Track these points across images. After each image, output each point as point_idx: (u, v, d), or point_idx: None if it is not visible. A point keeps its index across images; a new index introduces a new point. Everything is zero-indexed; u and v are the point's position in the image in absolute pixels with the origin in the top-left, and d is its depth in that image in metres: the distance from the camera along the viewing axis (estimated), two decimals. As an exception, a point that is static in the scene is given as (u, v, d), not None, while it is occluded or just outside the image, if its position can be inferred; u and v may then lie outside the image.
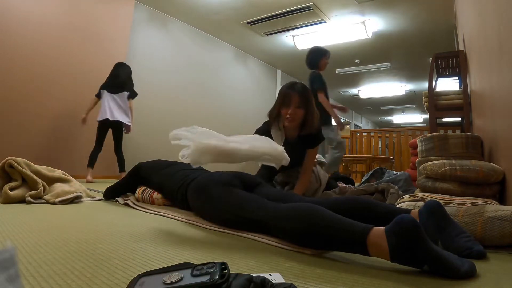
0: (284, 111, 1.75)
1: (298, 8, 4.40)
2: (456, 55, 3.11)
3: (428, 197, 1.29)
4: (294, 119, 1.74)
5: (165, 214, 1.44)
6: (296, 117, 1.74)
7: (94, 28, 3.90)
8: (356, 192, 1.89)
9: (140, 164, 1.80)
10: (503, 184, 1.45)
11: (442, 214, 0.89)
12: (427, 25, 4.77)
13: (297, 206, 0.93)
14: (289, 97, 1.73)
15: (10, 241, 0.92)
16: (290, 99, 1.73)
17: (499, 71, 1.45)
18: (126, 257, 0.79)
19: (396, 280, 0.68)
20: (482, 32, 1.89)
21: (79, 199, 1.81)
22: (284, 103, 1.75)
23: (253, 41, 5.78)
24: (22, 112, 3.27)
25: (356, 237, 0.76)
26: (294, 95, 1.73)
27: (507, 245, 0.95)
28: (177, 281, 0.50)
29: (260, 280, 0.52)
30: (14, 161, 1.70)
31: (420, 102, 3.41)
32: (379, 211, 1.01)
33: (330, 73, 7.19)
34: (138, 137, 4.41)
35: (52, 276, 0.64)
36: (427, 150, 1.81)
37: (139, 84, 4.46)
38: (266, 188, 1.40)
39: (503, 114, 1.44)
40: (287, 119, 1.74)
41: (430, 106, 2.80)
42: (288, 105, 1.73)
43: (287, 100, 1.74)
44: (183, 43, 5.16)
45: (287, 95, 1.74)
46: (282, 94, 1.77)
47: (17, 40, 3.23)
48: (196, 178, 1.39)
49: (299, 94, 1.73)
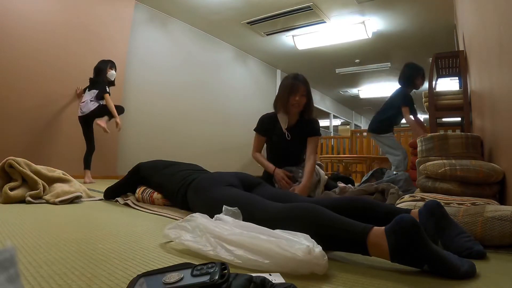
0: (292, 98, 1.99)
1: (298, 8, 4.40)
2: (456, 55, 3.11)
3: (428, 197, 1.29)
4: (300, 105, 2.02)
5: (165, 214, 1.44)
6: (301, 103, 2.01)
7: (94, 28, 3.90)
8: (356, 192, 1.89)
9: (140, 164, 1.80)
10: (503, 184, 1.44)
11: (442, 214, 0.89)
12: (427, 25, 4.77)
13: (297, 206, 0.93)
14: (296, 87, 1.99)
15: (10, 241, 0.92)
16: (297, 88, 1.99)
17: (499, 71, 1.45)
18: (126, 257, 0.79)
19: (396, 280, 0.68)
20: (482, 32, 1.89)
21: (79, 199, 1.81)
22: (292, 92, 2.00)
23: (253, 41, 5.78)
24: (21, 112, 3.26)
25: (356, 237, 0.75)
26: (300, 85, 2.00)
27: (507, 245, 0.95)
28: (177, 281, 0.50)
29: (260, 280, 0.52)
30: (14, 161, 1.70)
31: (420, 102, 3.40)
32: (379, 211, 1.01)
33: (330, 73, 7.20)
34: (138, 137, 4.42)
35: (52, 276, 0.64)
36: (427, 150, 1.81)
37: (139, 84, 4.47)
38: (266, 188, 1.40)
39: (503, 114, 1.44)
40: (294, 106, 2.01)
41: (430, 106, 2.80)
42: (296, 93, 1.99)
43: (295, 89, 1.99)
44: (183, 43, 5.16)
45: (294, 85, 2.00)
46: (290, 84, 2.01)
47: (17, 39, 3.22)
48: (196, 179, 1.39)
49: (304, 84, 2.01)
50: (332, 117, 9.93)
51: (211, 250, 0.78)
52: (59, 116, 3.59)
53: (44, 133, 3.45)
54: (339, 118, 10.79)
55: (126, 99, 4.23)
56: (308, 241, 0.72)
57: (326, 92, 9.19)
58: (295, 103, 1.99)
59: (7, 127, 3.15)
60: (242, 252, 0.73)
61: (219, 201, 1.16)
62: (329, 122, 9.94)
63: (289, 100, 2.00)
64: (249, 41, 5.79)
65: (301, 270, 0.68)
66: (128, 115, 4.33)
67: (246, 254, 0.72)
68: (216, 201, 1.17)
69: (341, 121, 11.72)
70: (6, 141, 3.12)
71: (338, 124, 12.14)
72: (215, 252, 0.77)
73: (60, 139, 3.57)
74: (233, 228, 0.81)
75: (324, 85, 8.37)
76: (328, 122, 9.95)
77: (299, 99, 1.99)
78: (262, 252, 0.71)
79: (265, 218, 0.98)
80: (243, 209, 1.07)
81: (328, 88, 8.74)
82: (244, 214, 1.07)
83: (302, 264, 0.67)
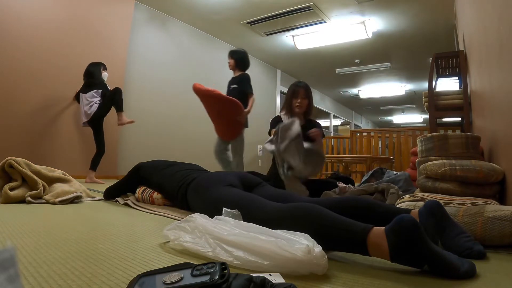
0: (294, 101, 2.31)
1: (298, 8, 4.40)
2: (456, 55, 3.11)
3: (428, 197, 1.28)
4: (302, 106, 2.30)
5: (165, 214, 1.44)
6: (302, 105, 2.30)
7: (94, 27, 3.90)
8: (356, 192, 1.89)
9: (140, 164, 1.80)
10: (503, 184, 1.45)
11: (442, 214, 0.89)
12: (427, 25, 4.77)
13: (297, 206, 0.93)
14: (297, 91, 2.31)
15: (10, 241, 0.92)
16: (298, 92, 2.31)
17: (499, 71, 1.45)
18: (126, 257, 0.79)
19: (396, 280, 0.68)
20: (482, 32, 1.89)
21: (79, 199, 1.81)
22: (294, 95, 2.31)
23: (253, 41, 5.78)
24: (22, 111, 3.26)
25: (356, 237, 0.75)
26: (301, 89, 2.31)
27: (507, 245, 0.95)
28: (177, 281, 0.50)
29: (260, 280, 0.52)
30: (14, 161, 1.70)
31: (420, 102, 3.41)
32: (379, 211, 1.01)
33: (330, 73, 7.20)
34: (138, 137, 4.41)
35: (52, 276, 0.64)
36: (427, 150, 1.81)
37: (139, 84, 4.47)
38: (266, 188, 1.40)
39: (503, 114, 1.44)
40: (297, 107, 2.30)
41: (430, 106, 2.80)
42: (297, 96, 2.30)
43: (296, 93, 2.31)
44: (183, 43, 5.15)
45: (296, 89, 2.32)
46: (292, 89, 2.34)
47: (16, 39, 3.22)
48: (196, 178, 1.39)
49: (304, 88, 2.32)
50: (332, 117, 9.92)
51: (211, 251, 0.78)
52: (59, 116, 3.59)
53: (44, 132, 3.45)
54: (339, 118, 10.78)
55: (126, 99, 4.21)
56: (308, 240, 0.72)
57: (326, 92, 9.19)
58: (298, 104, 2.29)
59: (7, 127, 3.15)
60: (241, 253, 0.73)
61: (219, 201, 1.16)
62: (329, 122, 9.93)
63: (292, 102, 2.31)
64: (249, 41, 5.79)
65: (301, 270, 0.68)
66: (128, 115, 4.32)
67: (246, 255, 0.72)
68: (216, 201, 1.17)
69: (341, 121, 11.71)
70: (6, 141, 3.12)
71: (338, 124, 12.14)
72: (214, 253, 0.77)
73: (60, 139, 3.57)
74: (232, 228, 0.81)
75: (324, 85, 8.37)
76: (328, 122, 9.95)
77: (301, 101, 2.30)
78: (261, 252, 0.70)
79: (265, 218, 0.98)
80: (243, 209, 1.07)
81: (328, 88, 8.74)
82: (244, 214, 1.07)
83: (301, 264, 0.67)
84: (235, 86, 3.25)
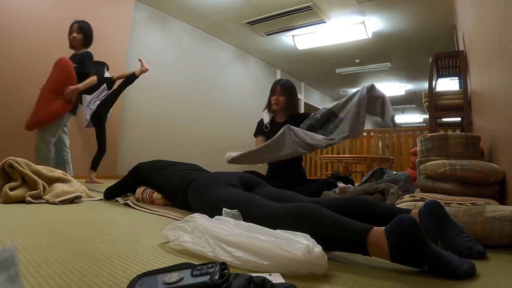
0: (272, 98, 2.32)
1: (298, 8, 4.40)
2: (456, 55, 3.11)
3: (428, 197, 1.28)
4: (278, 103, 2.30)
5: (165, 214, 1.44)
6: (278, 101, 2.29)
7: (94, 27, 3.87)
8: (356, 192, 1.89)
9: (140, 164, 1.80)
10: (503, 184, 1.44)
11: (442, 214, 0.89)
12: (427, 25, 4.77)
13: (297, 206, 0.93)
14: (274, 88, 2.33)
15: (10, 241, 0.92)
16: (275, 89, 2.32)
17: (499, 71, 1.45)
18: (126, 257, 0.79)
19: (396, 280, 0.68)
20: (482, 32, 1.89)
21: (79, 199, 1.81)
22: (271, 93, 2.34)
23: (253, 41, 5.78)
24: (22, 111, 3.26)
25: (356, 237, 0.75)
26: (277, 86, 2.31)
27: (507, 245, 0.95)
28: (177, 281, 0.50)
29: (260, 280, 0.52)
30: (14, 161, 1.70)
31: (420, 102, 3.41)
32: (379, 211, 1.01)
33: (330, 73, 7.20)
34: (137, 137, 4.41)
35: (52, 276, 0.64)
36: (427, 150, 1.81)
37: (139, 84, 4.47)
38: (266, 188, 1.40)
39: (503, 114, 1.44)
40: (274, 104, 2.31)
41: (430, 106, 2.80)
42: (274, 93, 2.31)
43: (273, 90, 2.33)
44: (183, 43, 5.15)
45: (273, 86, 2.35)
46: (271, 87, 2.36)
47: (16, 39, 3.22)
48: (196, 178, 1.39)
49: (280, 85, 2.31)
50: (332, 117, 9.92)
51: (210, 252, 0.78)
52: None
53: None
54: (339, 118, 10.78)
55: (126, 99, 4.23)
56: (308, 240, 0.72)
57: (326, 92, 9.18)
58: (274, 101, 2.31)
59: (7, 127, 3.15)
60: (241, 253, 0.72)
61: (219, 201, 1.16)
62: (329, 122, 9.92)
63: (270, 100, 2.35)
64: (249, 41, 5.79)
65: (301, 270, 0.67)
66: (128, 114, 4.34)
67: (245, 255, 0.72)
68: (216, 201, 1.17)
69: (341, 121, 11.72)
70: (6, 141, 3.12)
71: (338, 124, 12.15)
72: (214, 253, 0.77)
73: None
74: (232, 228, 0.81)
75: (324, 85, 8.37)
76: (328, 122, 9.94)
77: (277, 97, 2.31)
78: (261, 253, 0.70)
79: (265, 218, 0.98)
80: (242, 209, 1.07)
81: (328, 88, 8.74)
82: (244, 214, 1.07)
83: (301, 264, 0.66)
84: (75, 65, 2.82)
